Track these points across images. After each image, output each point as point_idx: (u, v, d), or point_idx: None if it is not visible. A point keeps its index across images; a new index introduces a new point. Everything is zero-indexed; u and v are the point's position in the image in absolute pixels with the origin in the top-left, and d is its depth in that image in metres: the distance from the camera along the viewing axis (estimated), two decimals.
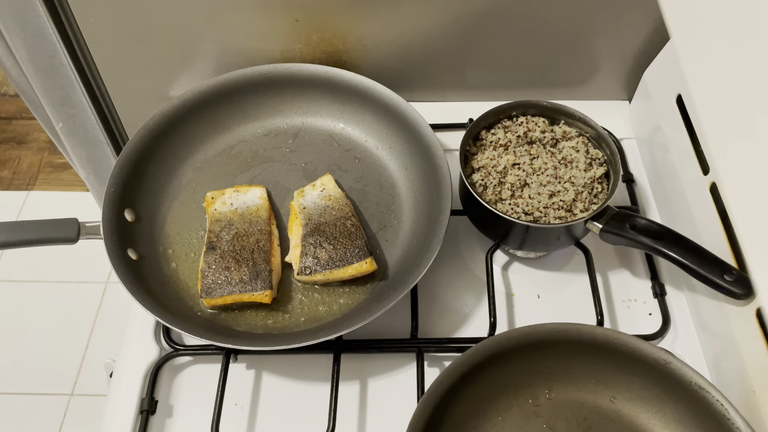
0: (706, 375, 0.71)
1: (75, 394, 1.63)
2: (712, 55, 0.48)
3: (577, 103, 0.83)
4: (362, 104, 0.87)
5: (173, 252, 0.79)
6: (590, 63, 0.92)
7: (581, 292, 0.78)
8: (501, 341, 0.65)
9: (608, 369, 0.66)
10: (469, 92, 0.96)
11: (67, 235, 0.74)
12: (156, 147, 0.83)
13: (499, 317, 0.76)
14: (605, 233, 0.71)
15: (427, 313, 0.77)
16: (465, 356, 0.64)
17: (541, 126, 0.78)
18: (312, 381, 0.73)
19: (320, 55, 0.90)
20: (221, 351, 0.72)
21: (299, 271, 0.74)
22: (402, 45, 0.89)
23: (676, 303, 0.77)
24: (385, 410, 0.71)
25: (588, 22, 0.86)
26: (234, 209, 0.79)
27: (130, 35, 0.87)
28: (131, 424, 0.70)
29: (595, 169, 0.75)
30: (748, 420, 0.59)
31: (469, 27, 0.87)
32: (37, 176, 2.04)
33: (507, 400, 0.67)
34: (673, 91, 0.77)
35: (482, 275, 0.79)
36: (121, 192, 0.78)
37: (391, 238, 0.80)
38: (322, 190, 0.80)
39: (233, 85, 0.87)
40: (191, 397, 0.73)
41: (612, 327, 0.76)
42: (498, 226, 0.75)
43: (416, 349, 0.73)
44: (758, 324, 0.62)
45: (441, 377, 0.62)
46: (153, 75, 0.92)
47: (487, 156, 0.77)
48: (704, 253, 0.67)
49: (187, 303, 0.75)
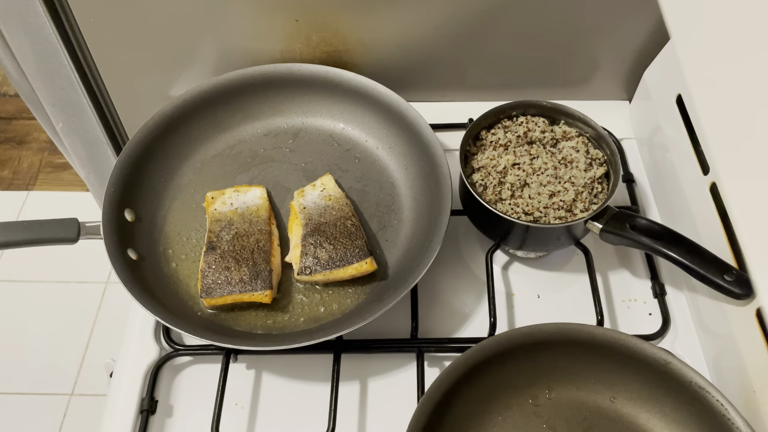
0: (706, 375, 0.71)
1: (75, 394, 1.63)
2: (712, 55, 0.48)
3: (577, 103, 0.83)
4: (362, 104, 0.87)
5: (173, 252, 0.79)
6: (590, 63, 0.92)
7: (581, 292, 0.78)
8: (501, 341, 0.65)
9: (608, 369, 0.66)
10: (469, 92, 0.96)
11: (67, 235, 0.74)
12: (156, 147, 0.83)
13: (499, 317, 0.76)
14: (605, 233, 0.71)
15: (427, 313, 0.77)
16: (465, 356, 0.64)
17: (541, 126, 0.78)
18: (312, 381, 0.73)
19: (320, 55, 0.90)
20: (221, 351, 0.72)
21: (299, 271, 0.74)
22: (402, 45, 0.89)
23: (676, 303, 0.77)
24: (385, 410, 0.71)
25: (588, 22, 0.86)
26: (234, 209, 0.79)
27: (130, 35, 0.87)
28: (131, 424, 0.70)
29: (595, 169, 0.75)
30: (748, 420, 0.59)
31: (469, 27, 0.87)
32: (37, 176, 2.04)
33: (507, 400, 0.67)
34: (673, 91, 0.77)
35: (482, 275, 0.79)
36: (121, 192, 0.78)
37: (391, 238, 0.80)
38: (322, 190, 0.80)
39: (233, 85, 0.87)
40: (191, 397, 0.73)
41: (612, 327, 0.76)
42: (498, 226, 0.75)
43: (416, 349, 0.73)
44: (758, 324, 0.62)
45: (441, 377, 0.62)
46: (153, 75, 0.92)
47: (487, 156, 0.77)
48: (704, 253, 0.67)
49: (187, 303, 0.75)
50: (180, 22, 0.85)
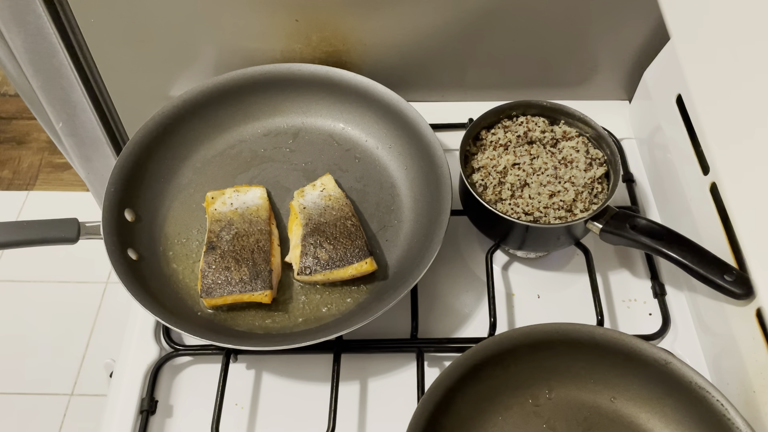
0: (706, 375, 0.71)
1: (75, 394, 1.63)
2: (712, 55, 0.48)
3: (577, 103, 0.83)
4: (362, 104, 0.87)
5: (173, 252, 0.79)
6: (590, 63, 0.92)
7: (581, 292, 0.78)
8: (501, 341, 0.65)
9: (608, 369, 0.66)
10: (469, 92, 0.96)
11: (67, 235, 0.74)
12: (156, 147, 0.83)
13: (499, 317, 0.76)
14: (605, 233, 0.71)
15: (427, 313, 0.77)
16: (465, 356, 0.64)
17: (541, 126, 0.78)
18: (312, 381, 0.73)
19: (320, 55, 0.90)
20: (221, 351, 0.72)
21: (299, 271, 0.74)
22: (402, 45, 0.89)
23: (676, 303, 0.77)
24: (385, 410, 0.71)
25: (588, 22, 0.86)
26: (234, 209, 0.79)
27: (130, 35, 0.87)
28: (131, 424, 0.70)
29: (595, 169, 0.75)
30: (748, 420, 0.59)
31: (469, 27, 0.87)
32: (37, 176, 2.04)
33: (507, 400, 0.67)
34: (673, 91, 0.77)
35: (482, 275, 0.79)
36: (121, 192, 0.78)
37: (391, 238, 0.80)
38: (322, 190, 0.80)
39: (233, 85, 0.87)
40: (191, 397, 0.72)
41: (612, 327, 0.76)
42: (498, 226, 0.75)
43: (416, 349, 0.73)
44: (758, 324, 0.62)
45: (441, 377, 0.62)
46: (153, 75, 0.92)
47: (487, 156, 0.77)
48: (704, 253, 0.67)
49: (187, 303, 0.75)
50: (180, 22, 0.86)
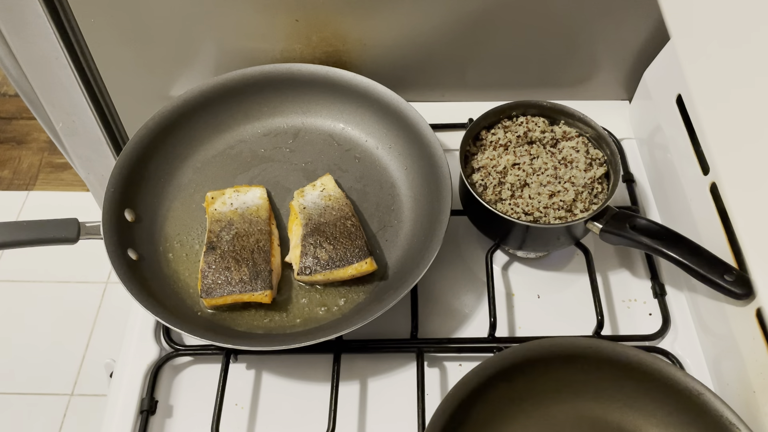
0: (706, 375, 0.71)
1: (75, 394, 1.63)
2: (712, 55, 0.48)
3: (577, 103, 0.83)
4: (362, 104, 0.87)
5: (173, 252, 0.79)
6: (590, 63, 0.92)
7: (581, 292, 0.78)
8: (534, 348, 0.64)
9: (637, 392, 0.65)
10: (469, 92, 0.96)
11: (67, 235, 0.74)
12: (156, 147, 0.83)
13: (499, 317, 0.76)
14: (605, 233, 0.71)
15: (427, 313, 0.77)
16: (496, 358, 0.63)
17: (541, 126, 0.78)
18: (312, 381, 0.73)
19: (320, 55, 0.90)
20: (221, 351, 0.72)
21: (299, 271, 0.74)
22: (402, 45, 0.89)
23: (676, 303, 0.77)
24: (385, 410, 0.71)
25: (588, 22, 0.86)
26: (234, 209, 0.79)
27: (130, 35, 0.87)
28: (131, 424, 0.70)
29: (595, 169, 0.75)
30: (747, 420, 0.59)
31: (469, 27, 0.87)
32: (37, 176, 2.04)
33: (530, 407, 0.66)
34: (673, 91, 0.77)
35: (482, 275, 0.79)
36: (121, 192, 0.78)
37: (391, 238, 0.80)
38: (322, 190, 0.80)
39: (233, 85, 0.87)
40: (191, 397, 0.72)
41: (612, 327, 0.76)
42: (498, 226, 0.75)
43: (416, 350, 0.73)
44: (758, 324, 0.62)
45: (469, 376, 0.62)
46: (153, 75, 0.92)
47: (487, 156, 0.77)
48: (704, 253, 0.67)
49: (187, 303, 0.75)
50: (180, 22, 0.86)
